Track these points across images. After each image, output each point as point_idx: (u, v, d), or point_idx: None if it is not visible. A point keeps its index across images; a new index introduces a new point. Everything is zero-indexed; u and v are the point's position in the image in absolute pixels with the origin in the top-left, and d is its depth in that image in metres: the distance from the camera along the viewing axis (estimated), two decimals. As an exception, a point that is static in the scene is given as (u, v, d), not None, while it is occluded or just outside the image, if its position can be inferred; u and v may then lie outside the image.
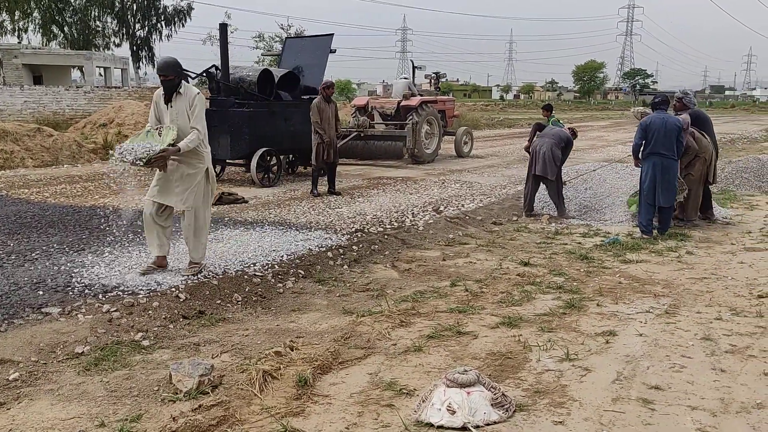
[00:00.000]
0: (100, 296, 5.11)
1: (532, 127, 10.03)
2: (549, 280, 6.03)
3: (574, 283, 5.93)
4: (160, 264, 5.85)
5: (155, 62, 39.96)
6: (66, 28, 37.22)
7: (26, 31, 35.72)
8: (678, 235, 7.91)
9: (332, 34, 13.36)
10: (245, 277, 5.82)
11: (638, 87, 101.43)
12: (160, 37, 39.37)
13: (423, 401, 3.42)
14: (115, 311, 4.81)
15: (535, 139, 9.49)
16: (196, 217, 5.74)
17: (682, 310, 5.16)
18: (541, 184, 9.34)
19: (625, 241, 7.68)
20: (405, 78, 17.96)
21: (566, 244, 7.66)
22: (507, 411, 3.35)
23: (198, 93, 5.64)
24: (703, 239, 7.84)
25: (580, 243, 7.69)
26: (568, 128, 9.85)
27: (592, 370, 3.99)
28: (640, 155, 8.05)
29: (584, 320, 4.92)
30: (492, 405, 3.32)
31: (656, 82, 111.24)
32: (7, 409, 3.51)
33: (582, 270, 6.44)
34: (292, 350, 4.17)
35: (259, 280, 5.80)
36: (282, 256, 6.50)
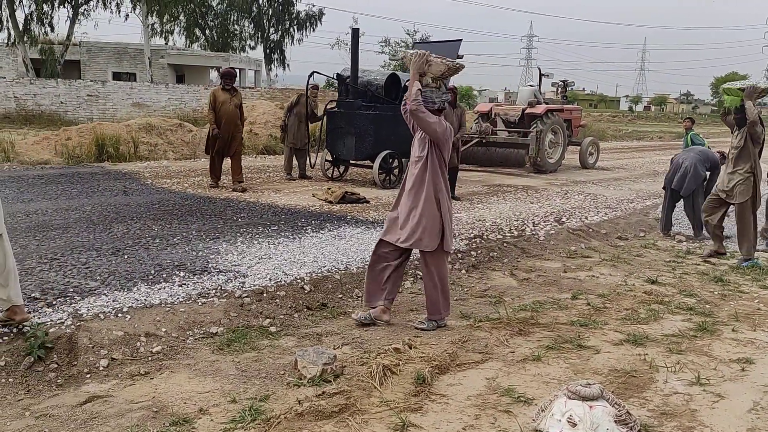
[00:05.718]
0: (233, 282, 5.44)
1: None
2: (679, 301, 5.73)
3: (707, 306, 5.60)
4: None
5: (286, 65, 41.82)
6: (207, 31, 39.74)
7: (172, 33, 38.46)
8: (828, 263, 7.25)
9: (460, 40, 13.35)
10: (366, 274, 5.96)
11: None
12: (292, 41, 41.11)
13: (542, 411, 3.37)
14: (246, 297, 5.10)
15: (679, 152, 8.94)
16: None
17: (831, 344, 4.74)
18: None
19: (765, 265, 7.15)
20: (531, 85, 17.63)
21: (699, 264, 7.24)
22: (631, 430, 3.23)
23: None
24: None
25: (714, 264, 7.25)
26: (718, 152, 9.19)
27: (726, 396, 3.76)
28: None
29: (717, 345, 4.64)
30: (615, 422, 3.21)
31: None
32: (150, 379, 3.84)
33: (716, 293, 6.06)
34: (411, 348, 4.24)
35: (379, 278, 5.92)
36: (402, 257, 6.59)
